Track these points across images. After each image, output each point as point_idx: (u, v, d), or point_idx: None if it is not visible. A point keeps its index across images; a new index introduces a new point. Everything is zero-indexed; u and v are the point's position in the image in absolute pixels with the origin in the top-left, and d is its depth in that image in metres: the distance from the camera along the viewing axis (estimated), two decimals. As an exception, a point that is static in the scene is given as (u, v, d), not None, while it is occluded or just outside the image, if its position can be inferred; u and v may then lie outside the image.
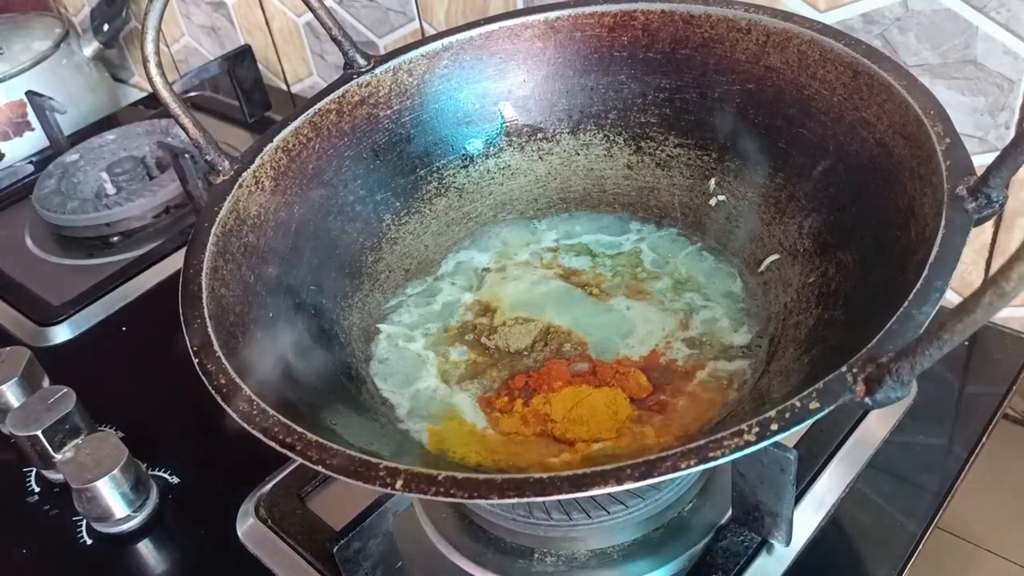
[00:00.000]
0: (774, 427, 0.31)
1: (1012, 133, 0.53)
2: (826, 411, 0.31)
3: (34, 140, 1.01)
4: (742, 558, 0.45)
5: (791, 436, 0.34)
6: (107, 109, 1.10)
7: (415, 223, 0.58)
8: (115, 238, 0.82)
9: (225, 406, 0.37)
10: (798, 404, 0.31)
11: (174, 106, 0.49)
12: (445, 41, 0.57)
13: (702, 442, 0.31)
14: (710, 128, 0.54)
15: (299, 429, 0.35)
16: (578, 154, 0.59)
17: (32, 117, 0.99)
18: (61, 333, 0.71)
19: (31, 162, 0.98)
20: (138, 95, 1.16)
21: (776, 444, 0.34)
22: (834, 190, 0.47)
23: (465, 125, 0.59)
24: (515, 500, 0.31)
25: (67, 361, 0.69)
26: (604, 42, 0.56)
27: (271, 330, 0.46)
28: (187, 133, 0.50)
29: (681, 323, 0.50)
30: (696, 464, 0.31)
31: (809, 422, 0.31)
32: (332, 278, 0.53)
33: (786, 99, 0.50)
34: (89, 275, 0.77)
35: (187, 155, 0.72)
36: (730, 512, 0.47)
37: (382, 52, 0.71)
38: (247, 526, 0.52)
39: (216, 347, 0.40)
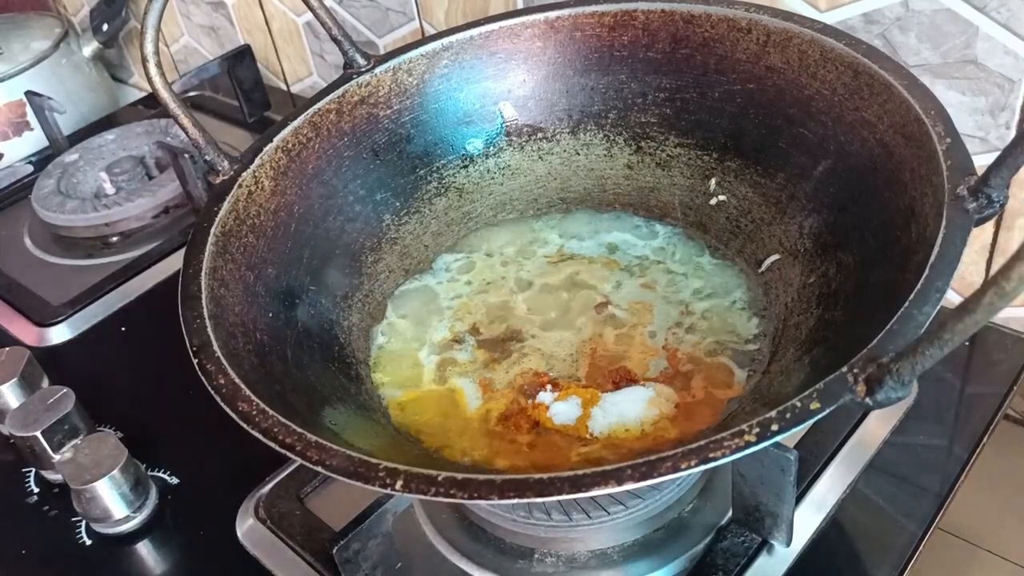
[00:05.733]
0: (774, 427, 0.31)
1: (1013, 133, 0.53)
2: (827, 411, 0.31)
3: (33, 140, 1.01)
4: (742, 559, 0.45)
5: (791, 436, 0.34)
6: (106, 109, 1.10)
7: (415, 223, 0.58)
8: (114, 238, 0.82)
9: (225, 406, 0.37)
10: (798, 404, 0.31)
11: (173, 106, 0.49)
12: (445, 41, 0.57)
13: (702, 442, 0.31)
14: (710, 128, 0.54)
15: (299, 429, 0.35)
16: (578, 154, 0.59)
17: (31, 117, 0.99)
18: (60, 333, 0.71)
19: (30, 162, 0.98)
20: (137, 95, 1.16)
21: (776, 444, 0.34)
22: (835, 190, 0.47)
23: (465, 125, 0.59)
24: (515, 500, 0.31)
25: (66, 361, 0.69)
26: (604, 42, 0.56)
27: (271, 330, 0.46)
28: (187, 133, 0.50)
29: (680, 325, 0.50)
30: (696, 464, 0.31)
31: (810, 422, 0.31)
32: (332, 278, 0.53)
33: (786, 99, 0.50)
34: (89, 275, 0.77)
35: (187, 155, 0.72)
36: (730, 513, 0.47)
37: (382, 52, 0.71)
38: (247, 527, 0.52)
39: (216, 347, 0.40)
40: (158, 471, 0.57)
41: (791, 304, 0.47)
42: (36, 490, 0.58)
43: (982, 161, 0.38)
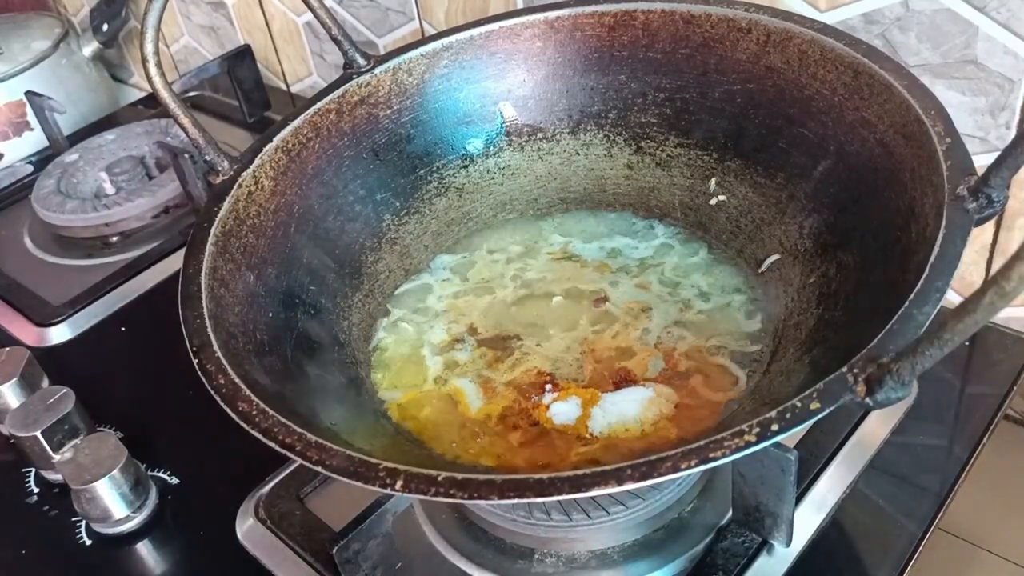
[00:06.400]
0: (775, 427, 0.31)
1: (1013, 133, 0.53)
2: (827, 411, 0.31)
3: (33, 140, 1.01)
4: (743, 559, 0.45)
5: (791, 436, 0.34)
6: (106, 109, 1.10)
7: (415, 223, 0.58)
8: (114, 238, 0.82)
9: (225, 407, 0.37)
10: (799, 404, 0.31)
11: (173, 106, 0.49)
12: (445, 41, 0.57)
13: (702, 442, 0.31)
14: (710, 128, 0.54)
15: (299, 429, 0.35)
16: (578, 154, 0.59)
17: (31, 117, 0.99)
18: (61, 333, 0.71)
19: (30, 162, 0.98)
20: (137, 95, 1.16)
21: (777, 444, 0.34)
22: (835, 190, 0.47)
23: (465, 125, 0.59)
24: (515, 501, 0.31)
25: (66, 361, 0.69)
26: (604, 42, 0.56)
27: (271, 330, 0.46)
28: (186, 133, 0.50)
29: (679, 325, 0.50)
30: (696, 464, 0.31)
31: (810, 422, 0.31)
32: (332, 278, 0.53)
33: (787, 99, 0.50)
34: (89, 275, 0.77)
35: (187, 155, 0.72)
36: (730, 513, 0.47)
37: (382, 52, 0.71)
38: (246, 527, 0.52)
39: (215, 347, 0.40)
40: (158, 471, 0.57)
41: (791, 304, 0.47)
42: (36, 490, 0.58)
43: (982, 161, 0.38)
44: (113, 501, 0.52)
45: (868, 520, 0.47)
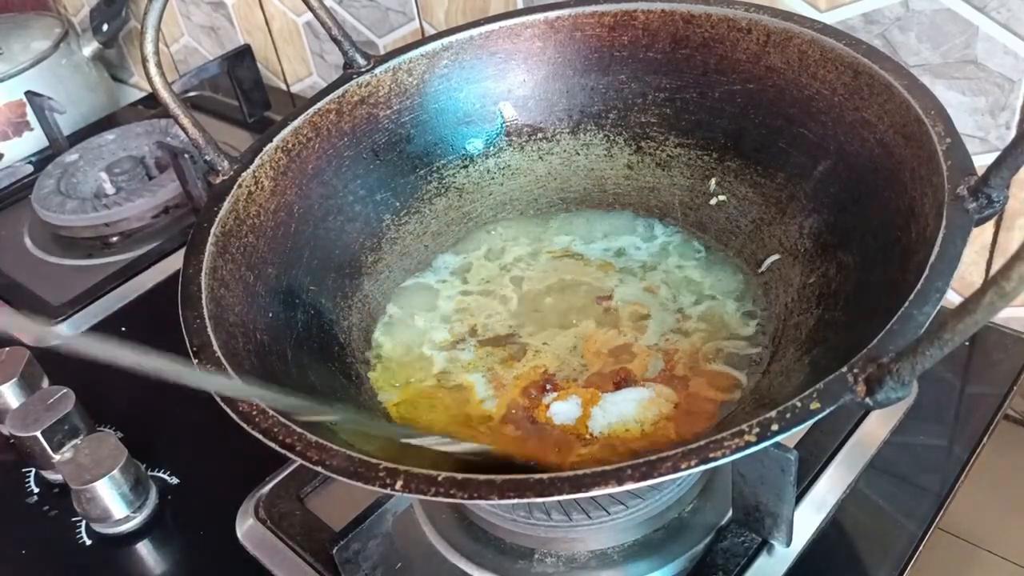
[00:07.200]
0: (775, 427, 0.31)
1: (1013, 133, 0.53)
2: (827, 411, 0.31)
3: (33, 140, 1.01)
4: (742, 559, 0.45)
5: (791, 436, 0.34)
6: (106, 109, 1.10)
7: (415, 223, 0.58)
8: (114, 238, 0.82)
9: (225, 407, 0.37)
10: (799, 404, 0.31)
11: (173, 106, 0.49)
12: (445, 41, 0.57)
13: (702, 442, 0.31)
14: (710, 128, 0.54)
15: (299, 429, 0.35)
16: (578, 154, 0.59)
17: (31, 117, 0.99)
18: (60, 333, 0.71)
19: (30, 162, 0.98)
20: (137, 95, 1.16)
21: (777, 445, 0.34)
22: (835, 190, 0.47)
23: (465, 125, 0.59)
24: (515, 501, 0.31)
25: (66, 361, 0.68)
26: (604, 42, 0.56)
27: (271, 330, 0.46)
28: (186, 133, 0.50)
29: (680, 324, 0.50)
30: (696, 464, 0.30)
31: (810, 422, 0.31)
32: (332, 278, 0.53)
33: (787, 99, 0.50)
34: (89, 275, 0.77)
35: (187, 155, 0.72)
36: (730, 513, 0.47)
37: (382, 52, 0.71)
38: (246, 527, 0.52)
39: (215, 347, 0.40)
40: (158, 471, 0.57)
41: (791, 304, 0.47)
42: (36, 490, 0.58)
43: (982, 161, 0.38)
44: (113, 501, 0.52)
45: (868, 520, 0.47)
